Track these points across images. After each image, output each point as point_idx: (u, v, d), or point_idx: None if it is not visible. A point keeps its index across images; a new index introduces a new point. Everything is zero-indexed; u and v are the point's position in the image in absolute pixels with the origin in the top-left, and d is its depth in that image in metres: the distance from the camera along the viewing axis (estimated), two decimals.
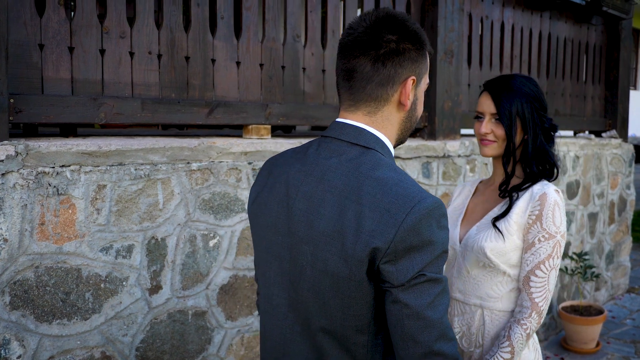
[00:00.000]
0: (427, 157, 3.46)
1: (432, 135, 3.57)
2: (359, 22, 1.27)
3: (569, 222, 4.70)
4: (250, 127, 2.79)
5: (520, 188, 1.80)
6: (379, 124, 1.29)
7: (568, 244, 4.71)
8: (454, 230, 1.89)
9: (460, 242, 1.88)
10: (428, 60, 1.35)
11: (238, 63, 2.75)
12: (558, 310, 4.45)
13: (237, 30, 2.77)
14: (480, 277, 1.82)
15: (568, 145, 4.62)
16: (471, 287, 1.84)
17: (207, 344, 2.56)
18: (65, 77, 2.25)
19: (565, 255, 4.46)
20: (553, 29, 4.61)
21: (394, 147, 1.35)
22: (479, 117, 1.87)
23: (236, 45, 2.74)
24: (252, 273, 2.70)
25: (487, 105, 1.84)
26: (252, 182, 2.64)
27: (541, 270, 1.72)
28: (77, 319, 2.19)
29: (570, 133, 5.52)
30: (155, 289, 2.38)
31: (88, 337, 2.22)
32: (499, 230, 1.75)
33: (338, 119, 1.31)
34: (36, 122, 2.17)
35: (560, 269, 4.48)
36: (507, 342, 1.71)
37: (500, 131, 1.81)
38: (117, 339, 2.29)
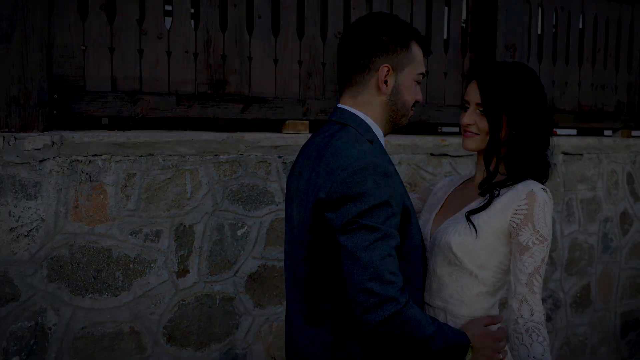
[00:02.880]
0: None
1: None
2: (354, 23, 1.58)
3: None
4: (287, 122, 2.87)
5: (503, 185, 1.66)
6: (361, 106, 1.54)
7: None
8: (426, 225, 1.76)
9: (430, 237, 1.74)
10: (414, 53, 1.55)
11: (275, 60, 2.85)
12: None
13: (276, 29, 2.87)
14: (446, 277, 1.67)
15: None
16: (436, 287, 1.69)
17: (234, 329, 2.69)
18: (106, 75, 2.48)
19: None
20: None
21: (391, 128, 1.61)
22: (465, 106, 1.73)
23: (274, 43, 2.83)
24: (282, 264, 2.78)
25: (472, 93, 1.68)
26: (282, 175, 2.72)
27: (539, 274, 1.60)
28: (107, 295, 2.40)
29: None
30: (183, 272, 2.54)
31: (117, 312, 2.43)
32: (472, 224, 1.61)
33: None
34: (77, 116, 2.42)
35: None
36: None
37: (483, 124, 1.66)
38: (145, 316, 2.48)
